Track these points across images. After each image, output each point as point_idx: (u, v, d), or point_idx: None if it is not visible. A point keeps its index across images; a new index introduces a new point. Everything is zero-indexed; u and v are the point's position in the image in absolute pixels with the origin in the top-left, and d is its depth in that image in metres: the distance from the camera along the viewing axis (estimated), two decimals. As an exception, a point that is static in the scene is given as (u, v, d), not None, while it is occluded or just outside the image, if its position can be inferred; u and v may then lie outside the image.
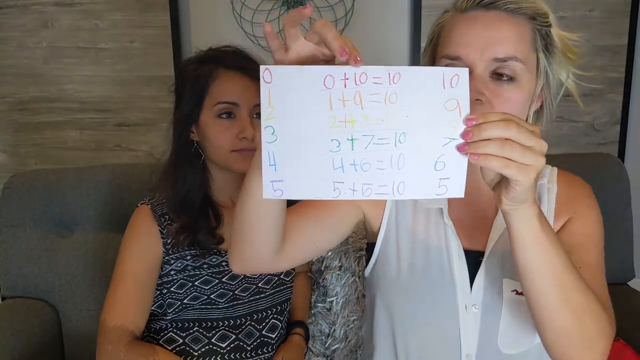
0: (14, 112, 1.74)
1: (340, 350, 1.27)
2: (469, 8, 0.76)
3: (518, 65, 0.74)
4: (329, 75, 0.58)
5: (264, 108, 0.58)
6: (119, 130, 1.74)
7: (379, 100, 0.59)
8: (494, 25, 0.75)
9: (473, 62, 0.74)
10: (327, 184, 0.61)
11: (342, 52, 0.57)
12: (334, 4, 1.60)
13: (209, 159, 1.11)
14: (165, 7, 1.61)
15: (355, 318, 1.28)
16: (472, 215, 0.87)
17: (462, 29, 0.76)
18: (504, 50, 0.74)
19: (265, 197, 0.61)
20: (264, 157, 0.60)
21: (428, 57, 0.84)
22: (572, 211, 0.85)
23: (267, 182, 0.60)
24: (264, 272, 1.00)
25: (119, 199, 1.37)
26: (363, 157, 0.60)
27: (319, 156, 0.60)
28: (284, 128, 0.59)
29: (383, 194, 0.61)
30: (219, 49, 1.11)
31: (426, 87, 0.59)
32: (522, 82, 0.75)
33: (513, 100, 0.75)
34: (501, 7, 0.75)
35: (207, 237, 1.10)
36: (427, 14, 1.60)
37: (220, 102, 1.06)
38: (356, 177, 0.61)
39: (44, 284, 1.35)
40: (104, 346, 1.04)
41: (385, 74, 0.59)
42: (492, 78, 0.75)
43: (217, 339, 1.09)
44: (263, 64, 0.60)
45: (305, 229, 0.85)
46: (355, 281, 1.31)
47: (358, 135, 0.60)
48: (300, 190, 0.61)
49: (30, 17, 1.66)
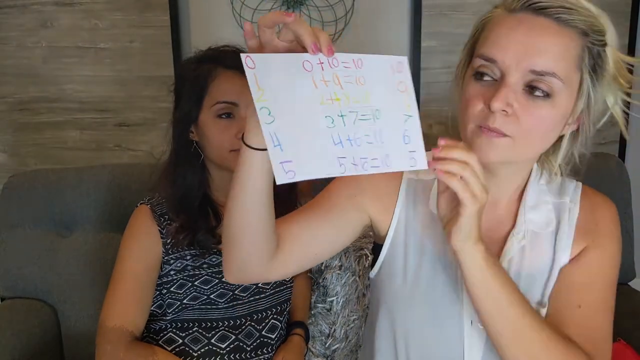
0: (13, 112, 1.74)
1: (341, 350, 1.27)
2: (517, 9, 0.70)
3: (556, 82, 0.68)
4: (306, 60, 0.60)
5: (254, 91, 0.58)
6: (118, 130, 1.73)
7: (352, 82, 0.62)
8: (538, 34, 0.68)
9: (508, 68, 0.69)
10: (332, 160, 0.61)
11: (314, 48, 0.58)
12: (333, 3, 1.60)
13: (208, 158, 1.11)
14: (165, 6, 1.61)
15: (356, 317, 1.28)
16: (485, 229, 0.81)
17: (504, 30, 0.70)
18: (543, 64, 0.68)
19: (280, 182, 0.59)
20: (267, 139, 0.59)
21: (466, 52, 0.79)
22: (590, 239, 0.80)
23: (276, 164, 0.59)
24: (258, 281, 0.97)
25: (118, 199, 1.37)
26: (355, 131, 0.62)
27: (318, 132, 0.61)
28: (279, 108, 0.59)
29: (377, 167, 0.64)
30: (219, 49, 1.11)
31: (381, 72, 0.64)
32: (558, 101, 0.70)
33: (544, 119, 0.70)
34: (552, 15, 0.68)
35: (207, 237, 1.10)
36: (427, 14, 1.60)
37: (219, 101, 1.06)
38: (354, 151, 0.62)
39: (43, 284, 1.35)
40: (103, 346, 1.03)
41: (350, 59, 0.62)
42: (526, 91, 0.69)
43: (216, 340, 1.08)
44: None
45: (302, 238, 0.81)
46: (355, 280, 1.30)
47: (345, 111, 0.62)
48: (310, 169, 0.60)
49: (30, 16, 1.66)
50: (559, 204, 0.82)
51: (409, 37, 1.62)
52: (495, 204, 0.82)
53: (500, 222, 0.83)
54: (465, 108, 0.74)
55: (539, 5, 0.69)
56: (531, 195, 0.82)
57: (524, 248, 0.80)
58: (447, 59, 1.65)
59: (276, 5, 1.61)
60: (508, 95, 0.68)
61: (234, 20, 1.62)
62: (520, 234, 0.80)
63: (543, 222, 0.81)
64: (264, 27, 0.59)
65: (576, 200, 0.83)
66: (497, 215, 0.83)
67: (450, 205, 0.70)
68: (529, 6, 0.69)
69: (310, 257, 0.83)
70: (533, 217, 0.81)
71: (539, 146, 0.75)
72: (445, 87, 1.67)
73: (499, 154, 0.71)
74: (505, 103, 0.68)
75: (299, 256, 0.82)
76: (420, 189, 0.85)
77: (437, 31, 1.63)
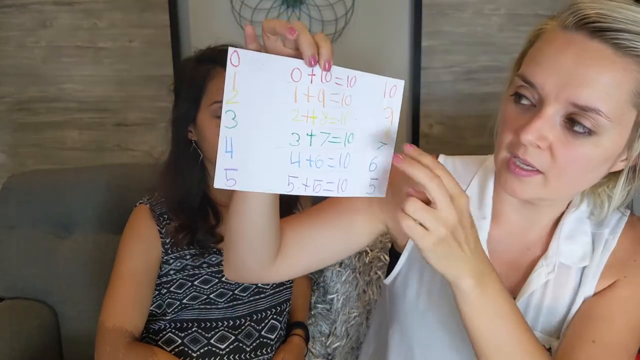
0: (12, 112, 1.73)
1: (342, 348, 1.26)
2: (571, 27, 0.60)
3: (601, 120, 0.58)
4: (297, 68, 0.58)
5: (227, 91, 0.56)
6: (117, 130, 1.73)
7: (337, 100, 0.61)
8: (587, 61, 0.58)
9: (547, 97, 0.60)
10: (282, 178, 0.61)
11: (311, 61, 0.56)
12: (334, 2, 1.60)
13: (207, 158, 1.11)
14: (165, 6, 1.61)
15: (357, 315, 1.28)
16: (510, 255, 0.77)
17: (551, 50, 0.61)
18: (587, 97, 0.58)
19: (217, 186, 0.58)
20: (221, 142, 0.58)
21: (515, 65, 0.69)
22: (622, 274, 0.72)
23: (220, 169, 0.58)
24: (259, 282, 0.94)
25: (117, 200, 1.37)
26: (318, 153, 0.61)
27: (278, 148, 0.59)
28: (246, 115, 0.57)
29: (329, 191, 0.63)
30: (217, 48, 1.11)
31: (372, 93, 0.62)
32: (604, 140, 0.60)
33: (583, 157, 0.61)
34: (609, 39, 0.57)
35: (206, 236, 1.10)
36: (427, 13, 1.60)
37: (217, 101, 1.05)
38: (309, 172, 0.61)
39: (42, 285, 1.35)
40: (103, 347, 1.03)
41: (345, 76, 0.60)
42: (566, 123, 0.60)
43: (216, 340, 1.08)
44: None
45: (309, 242, 0.78)
46: (355, 277, 1.30)
47: (317, 131, 0.61)
48: (254, 182, 0.60)
49: (29, 16, 1.65)
50: (597, 235, 0.74)
51: (409, 36, 1.62)
52: (525, 231, 0.77)
53: (528, 249, 0.77)
54: (500, 132, 0.67)
55: (596, 26, 0.58)
56: (568, 224, 0.74)
57: (548, 282, 0.74)
58: (448, 59, 1.64)
59: (276, 5, 1.60)
60: (543, 127, 0.60)
61: (233, 19, 1.61)
62: (550, 266, 0.73)
63: (577, 255, 0.73)
64: (268, 34, 0.57)
65: (617, 233, 0.74)
66: (526, 240, 0.77)
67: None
68: (585, 25, 0.59)
69: (316, 261, 0.80)
70: (566, 249, 0.73)
71: (575, 187, 0.67)
72: (446, 87, 1.66)
73: (528, 192, 0.65)
74: (537, 136, 0.60)
75: (305, 260, 0.78)
76: None
77: (437, 30, 1.62)
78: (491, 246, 0.76)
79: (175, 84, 1.13)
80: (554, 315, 0.74)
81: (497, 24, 1.62)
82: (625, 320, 0.71)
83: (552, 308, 0.74)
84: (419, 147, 0.62)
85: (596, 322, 0.70)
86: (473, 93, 1.66)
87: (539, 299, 0.74)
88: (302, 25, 0.56)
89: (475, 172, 0.80)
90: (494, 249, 0.76)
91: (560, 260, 0.73)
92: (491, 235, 0.76)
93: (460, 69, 1.65)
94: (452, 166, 0.82)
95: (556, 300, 0.74)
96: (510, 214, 0.77)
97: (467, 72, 1.65)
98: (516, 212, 0.76)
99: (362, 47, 1.62)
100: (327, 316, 1.31)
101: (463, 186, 0.77)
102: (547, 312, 0.74)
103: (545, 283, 0.74)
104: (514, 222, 0.77)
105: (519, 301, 0.74)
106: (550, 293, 0.74)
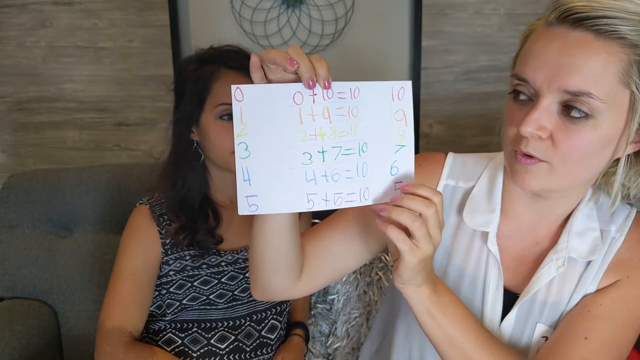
0: (12, 112, 1.73)
1: (342, 348, 1.26)
2: (554, 22, 0.63)
3: (594, 102, 0.61)
4: (298, 92, 0.61)
5: (237, 125, 0.61)
6: (117, 130, 1.73)
7: (343, 114, 0.63)
8: (571, 50, 0.61)
9: (540, 89, 0.63)
10: (301, 196, 0.63)
11: (311, 84, 0.60)
12: (334, 2, 1.60)
13: (209, 159, 1.10)
14: (164, 6, 1.60)
15: (357, 315, 1.28)
16: (519, 250, 0.78)
17: (538, 48, 0.64)
18: (576, 83, 0.60)
19: (241, 213, 0.62)
20: (238, 173, 0.62)
21: (512, 66, 0.72)
22: (625, 273, 0.73)
23: (241, 197, 0.62)
24: (286, 299, 0.95)
25: (118, 199, 1.37)
26: (333, 167, 0.64)
27: (292, 169, 0.63)
28: (257, 144, 0.61)
29: (352, 202, 0.65)
30: (221, 49, 1.10)
31: (379, 100, 0.64)
32: (601, 122, 0.62)
33: (583, 142, 0.63)
34: (589, 27, 0.60)
35: (206, 237, 1.09)
36: (427, 13, 1.60)
37: (222, 103, 1.05)
38: (328, 187, 0.64)
39: (42, 285, 1.35)
40: (103, 347, 1.03)
41: (347, 89, 0.62)
42: (563, 111, 0.63)
43: (216, 340, 1.08)
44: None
45: (329, 254, 0.79)
46: (356, 278, 1.30)
47: (328, 147, 0.63)
48: (274, 204, 0.63)
49: (29, 16, 1.65)
50: (604, 232, 0.75)
51: (409, 36, 1.62)
52: (535, 225, 0.78)
53: (536, 243, 0.78)
54: (505, 130, 0.70)
55: (576, 17, 0.61)
56: (578, 220, 0.75)
57: (553, 279, 0.75)
58: (448, 59, 1.64)
59: (276, 4, 1.60)
60: (540, 118, 0.63)
61: (233, 19, 1.61)
62: (560, 260, 0.73)
63: (586, 249, 0.74)
64: (268, 64, 0.60)
65: (624, 230, 0.75)
66: (535, 235, 0.78)
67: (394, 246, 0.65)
68: (566, 18, 0.62)
69: (339, 270, 0.81)
70: (576, 244, 0.74)
71: (582, 173, 0.67)
72: (445, 86, 1.66)
73: (537, 181, 0.67)
74: (536, 126, 0.63)
75: (328, 271, 0.80)
76: (457, 196, 0.81)
77: (437, 30, 1.62)
78: (500, 240, 0.78)
79: (176, 83, 1.12)
80: (557, 309, 0.75)
81: (496, 23, 1.62)
82: (622, 318, 0.72)
83: (557, 303, 0.75)
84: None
85: (592, 319, 0.71)
86: (473, 93, 1.66)
87: (545, 295, 0.75)
88: (298, 51, 0.59)
89: (485, 167, 0.82)
90: (503, 243, 0.78)
91: (570, 254, 0.74)
92: (500, 229, 0.78)
93: (460, 69, 1.65)
94: (462, 163, 0.84)
95: (560, 295, 0.75)
96: (520, 208, 0.78)
97: (466, 72, 1.65)
98: (526, 207, 0.78)
99: (362, 47, 1.62)
100: (327, 316, 1.31)
101: (473, 181, 0.81)
102: (551, 306, 0.75)
103: (550, 282, 0.75)
104: (524, 216, 0.78)
105: (527, 296, 0.74)
106: (555, 288, 0.75)
